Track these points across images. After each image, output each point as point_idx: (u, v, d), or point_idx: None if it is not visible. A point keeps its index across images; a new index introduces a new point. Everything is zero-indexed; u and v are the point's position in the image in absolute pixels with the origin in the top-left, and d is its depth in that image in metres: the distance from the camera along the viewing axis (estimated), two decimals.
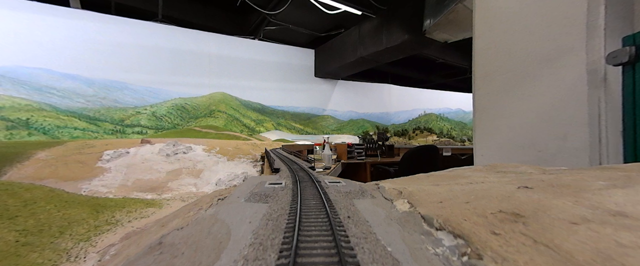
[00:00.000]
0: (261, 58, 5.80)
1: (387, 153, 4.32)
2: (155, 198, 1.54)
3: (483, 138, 1.91)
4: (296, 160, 1.64)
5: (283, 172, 1.18)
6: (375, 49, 4.46)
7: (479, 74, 1.96)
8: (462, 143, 6.91)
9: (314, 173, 1.11)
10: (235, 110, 5.64)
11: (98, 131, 4.46)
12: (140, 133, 4.77)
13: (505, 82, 1.80)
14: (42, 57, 4.07)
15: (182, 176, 1.89)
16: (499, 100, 1.81)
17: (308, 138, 6.11)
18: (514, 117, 1.79)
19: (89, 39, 4.36)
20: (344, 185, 0.81)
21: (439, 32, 3.61)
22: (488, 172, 0.88)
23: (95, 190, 1.54)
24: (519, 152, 1.77)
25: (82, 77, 4.36)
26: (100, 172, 1.77)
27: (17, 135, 3.89)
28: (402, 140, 7.17)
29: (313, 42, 6.19)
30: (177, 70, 5.07)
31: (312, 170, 1.26)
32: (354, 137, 6.39)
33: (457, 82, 9.08)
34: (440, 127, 8.15)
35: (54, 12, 4.13)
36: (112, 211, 1.12)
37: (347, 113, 6.89)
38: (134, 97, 4.81)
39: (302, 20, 5.20)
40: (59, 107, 4.23)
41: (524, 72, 1.75)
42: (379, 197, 0.68)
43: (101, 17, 4.45)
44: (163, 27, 4.92)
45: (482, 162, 1.90)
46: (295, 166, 1.37)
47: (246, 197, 0.67)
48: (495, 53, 1.84)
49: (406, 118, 7.75)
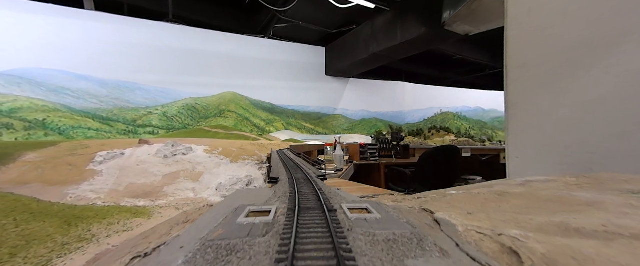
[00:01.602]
0: (271, 57, 5.71)
1: (402, 153, 4.10)
2: (147, 205, 1.43)
3: (518, 138, 1.67)
4: (303, 165, 1.35)
5: (282, 184, 0.88)
6: (389, 45, 4.24)
7: (513, 65, 1.72)
8: (482, 143, 6.53)
9: (325, 189, 0.78)
10: (245, 110, 5.58)
11: (111, 131, 4.51)
12: (152, 134, 4.79)
13: (546, 73, 1.56)
14: (58, 59, 4.15)
15: (179, 180, 1.77)
16: (538, 94, 1.58)
17: (319, 138, 5.96)
18: (557, 113, 1.55)
19: (102, 40, 4.41)
20: (377, 218, 0.47)
21: (460, 24, 3.36)
22: (601, 190, 0.58)
23: (83, 196, 1.45)
24: (563, 154, 1.53)
25: (95, 78, 4.42)
26: (91, 175, 1.67)
27: (35, 135, 3.98)
28: (418, 140, 6.87)
29: (324, 39, 6.04)
30: (187, 70, 5.06)
31: (322, 181, 0.93)
32: (366, 137, 6.18)
33: (475, 79, 8.66)
34: (457, 126, 7.77)
35: (69, 14, 4.20)
36: (89, 224, 1.00)
37: (359, 113, 6.68)
38: (146, 97, 4.84)
39: (312, 17, 5.05)
40: (74, 108, 4.30)
41: (569, 60, 1.50)
42: (457, 254, 0.36)
43: (114, 18, 4.50)
44: (173, 27, 4.92)
45: (518, 165, 1.67)
46: (299, 175, 1.04)
47: (193, 249, 0.37)
48: (533, 40, 1.60)
49: (421, 117, 7.43)
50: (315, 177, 0.97)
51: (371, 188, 1.46)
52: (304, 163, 1.42)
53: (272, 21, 5.25)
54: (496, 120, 8.53)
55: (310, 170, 1.15)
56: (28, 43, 3.99)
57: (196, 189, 1.69)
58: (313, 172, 1.10)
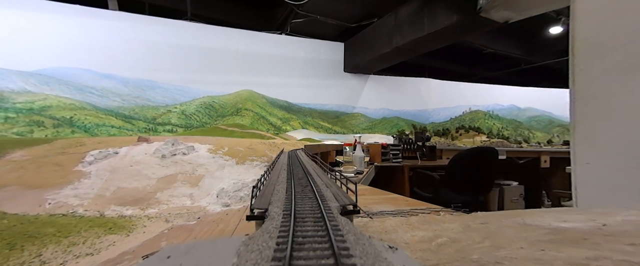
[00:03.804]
0: (288, 53, 5.56)
1: (428, 155, 3.75)
2: (134, 214, 1.27)
3: (591, 138, 1.32)
4: (317, 176, 0.90)
5: (269, 224, 0.40)
6: (414, 36, 3.90)
7: (584, 47, 1.37)
8: (518, 145, 5.92)
9: (357, 251, 0.30)
10: (261, 109, 5.48)
11: (132, 129, 4.59)
12: (170, 132, 4.83)
13: (631, 55, 1.20)
14: (83, 58, 4.28)
15: (176, 184, 1.60)
16: (621, 82, 1.22)
17: (336, 138, 5.72)
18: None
19: (124, 39, 4.50)
20: None
21: (499, 10, 2.96)
22: None
23: (64, 202, 1.32)
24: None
25: (118, 77, 4.51)
26: (77, 178, 1.55)
27: (62, 132, 4.13)
28: (444, 140, 6.39)
29: (342, 34, 5.79)
30: (205, 68, 5.06)
31: (349, 223, 0.41)
32: (387, 136, 5.84)
33: (507, 75, 7.94)
34: (488, 125, 7.13)
35: (94, 14, 4.33)
36: (42, 245, 0.82)
37: (379, 111, 6.34)
38: (165, 95, 4.88)
39: (331, 10, 4.82)
40: (98, 106, 4.42)
41: None
42: None
43: (135, 17, 4.57)
44: (192, 26, 4.93)
45: (588, 173, 1.32)
46: (308, 203, 0.53)
47: None
48: (613, 12, 1.24)
49: (447, 116, 6.91)
50: (337, 210, 0.48)
51: (402, 199, 1.20)
52: (320, 173, 0.99)
53: (289, 16, 5.10)
54: (533, 119, 7.74)
55: (328, 189, 0.67)
56: (56, 43, 4.15)
57: (194, 195, 1.52)
58: (332, 194, 0.61)
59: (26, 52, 4.02)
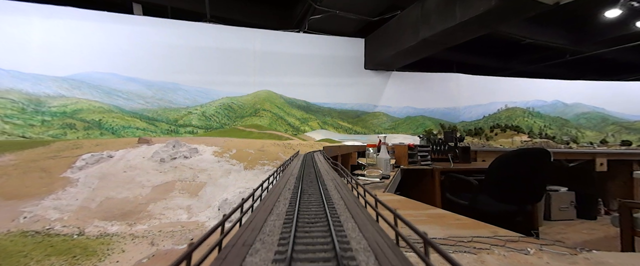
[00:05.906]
0: (306, 52, 5.40)
1: (461, 157, 3.36)
2: (119, 231, 1.10)
3: None
4: (337, 199, 0.65)
5: None
6: (444, 27, 3.54)
7: None
8: (565, 145, 5.23)
9: None
10: (279, 109, 5.37)
11: (156, 131, 4.69)
12: (191, 133, 4.88)
13: None
14: (110, 63, 4.44)
15: (172, 193, 1.42)
16: None
17: (357, 139, 5.45)
18: None
19: (148, 43, 4.61)
20: None
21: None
22: None
23: (41, 216, 1.16)
24: None
25: (142, 80, 4.63)
26: (63, 185, 1.41)
27: (92, 134, 4.30)
28: (477, 141, 5.84)
29: (363, 30, 5.51)
30: (224, 69, 5.06)
31: None
32: (412, 137, 5.45)
33: (548, 68, 7.15)
34: (528, 124, 6.42)
35: (120, 20, 4.48)
36: None
37: (403, 110, 5.95)
38: (186, 97, 4.94)
39: (350, 4, 4.58)
40: (124, 109, 4.56)
41: None
42: None
43: (157, 21, 4.67)
44: (211, 27, 4.95)
45: None
46: None
47: None
48: None
49: (480, 114, 6.32)
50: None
51: (450, 216, 0.94)
52: (344, 192, 0.72)
53: (307, 13, 4.93)
54: (582, 116, 6.83)
55: (361, 234, 0.42)
56: (87, 49, 4.34)
57: (192, 208, 1.33)
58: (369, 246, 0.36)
59: (60, 58, 4.25)
